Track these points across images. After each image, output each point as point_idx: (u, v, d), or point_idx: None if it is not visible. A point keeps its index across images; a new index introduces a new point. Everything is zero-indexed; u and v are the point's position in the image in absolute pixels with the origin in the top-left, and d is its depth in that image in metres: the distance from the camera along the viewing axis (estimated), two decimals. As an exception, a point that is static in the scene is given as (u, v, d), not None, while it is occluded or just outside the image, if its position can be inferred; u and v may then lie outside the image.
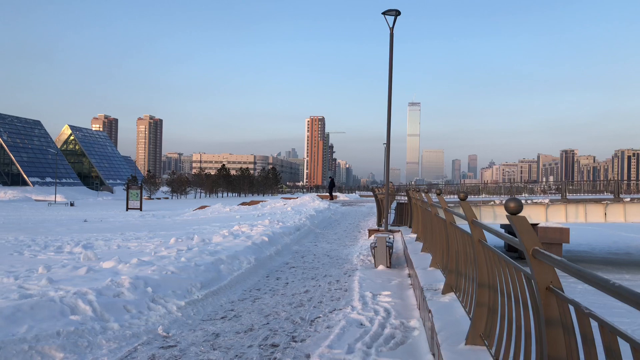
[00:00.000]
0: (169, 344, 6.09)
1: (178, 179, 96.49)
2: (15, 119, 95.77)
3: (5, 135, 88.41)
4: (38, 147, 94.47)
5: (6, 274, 9.35)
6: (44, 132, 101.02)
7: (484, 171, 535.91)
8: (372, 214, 30.91)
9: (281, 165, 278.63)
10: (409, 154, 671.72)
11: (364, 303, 7.96)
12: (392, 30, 15.63)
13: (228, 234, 14.95)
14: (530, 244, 2.85)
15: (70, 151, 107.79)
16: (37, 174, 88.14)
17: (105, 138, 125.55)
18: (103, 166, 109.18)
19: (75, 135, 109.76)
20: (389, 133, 16.38)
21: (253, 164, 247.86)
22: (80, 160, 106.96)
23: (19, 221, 27.50)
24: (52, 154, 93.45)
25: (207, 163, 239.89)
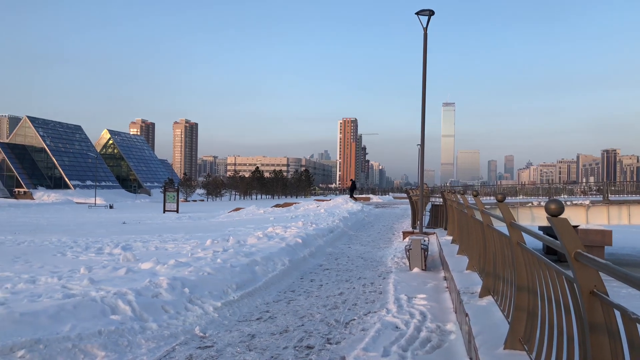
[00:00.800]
0: (206, 344, 6.18)
1: (213, 182, 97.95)
2: (58, 125, 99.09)
3: (49, 140, 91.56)
4: (79, 152, 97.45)
5: (50, 274, 9.67)
6: (85, 136, 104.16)
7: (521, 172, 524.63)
8: (406, 216, 30.65)
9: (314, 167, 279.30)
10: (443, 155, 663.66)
11: (399, 306, 7.89)
12: (425, 30, 15.49)
13: (262, 235, 15.08)
14: (572, 247, 2.77)
15: (110, 155, 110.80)
16: (78, 177, 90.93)
17: (142, 142, 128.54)
18: (141, 169, 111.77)
19: (114, 139, 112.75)
20: (423, 134, 16.22)
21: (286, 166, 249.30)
22: (119, 164, 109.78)
23: (61, 223, 28.43)
24: (92, 158, 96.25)
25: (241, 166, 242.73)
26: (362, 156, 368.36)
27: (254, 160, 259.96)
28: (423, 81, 15.65)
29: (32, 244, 16.23)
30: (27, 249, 14.71)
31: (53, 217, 34.54)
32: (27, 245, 15.92)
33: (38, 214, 40.02)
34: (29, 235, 19.30)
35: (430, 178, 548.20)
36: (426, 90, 15.69)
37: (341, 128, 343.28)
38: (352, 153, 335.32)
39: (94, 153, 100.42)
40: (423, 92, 15.71)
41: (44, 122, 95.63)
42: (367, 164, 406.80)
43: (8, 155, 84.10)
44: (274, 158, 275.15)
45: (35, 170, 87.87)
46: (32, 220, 30.70)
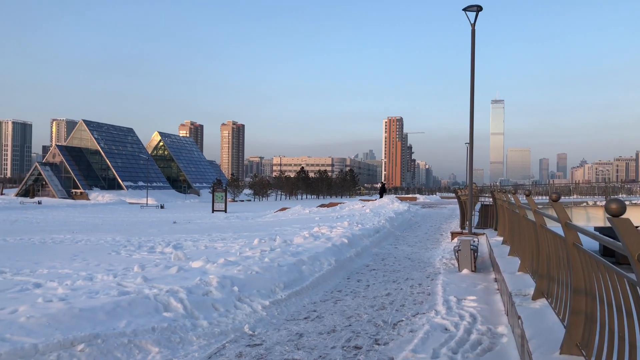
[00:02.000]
0: (255, 342, 6.27)
1: (260, 182, 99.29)
2: (111, 127, 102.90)
3: (103, 142, 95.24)
4: (131, 153, 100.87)
5: (106, 272, 10.06)
6: (136, 139, 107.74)
7: (574, 170, 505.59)
8: (454, 216, 30.12)
9: (359, 167, 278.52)
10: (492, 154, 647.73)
11: (448, 307, 7.76)
12: (473, 26, 15.17)
13: (308, 235, 15.16)
14: (635, 249, 2.64)
15: (160, 156, 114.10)
16: (130, 178, 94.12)
17: (191, 143, 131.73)
18: (190, 170, 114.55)
19: (165, 141, 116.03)
20: (471, 132, 15.89)
21: (331, 166, 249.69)
22: (169, 165, 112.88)
23: (115, 223, 29.50)
24: (144, 160, 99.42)
25: (286, 166, 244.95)
26: (408, 155, 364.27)
27: (299, 160, 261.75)
28: (471, 78, 15.33)
29: (88, 242, 16.93)
30: (84, 248, 15.36)
31: (107, 217, 35.88)
32: (84, 243, 16.61)
33: (93, 213, 41.69)
34: (85, 234, 20.14)
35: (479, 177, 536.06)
36: (474, 87, 15.37)
37: (386, 127, 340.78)
38: (398, 152, 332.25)
39: (146, 155, 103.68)
40: (471, 90, 15.38)
41: (99, 125, 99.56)
42: (413, 164, 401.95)
43: (66, 158, 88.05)
44: (319, 158, 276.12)
45: (90, 171, 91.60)
46: (88, 220, 32.01)
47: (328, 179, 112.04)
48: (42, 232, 21.95)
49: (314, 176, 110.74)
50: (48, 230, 22.74)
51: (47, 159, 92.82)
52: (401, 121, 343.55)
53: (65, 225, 26.68)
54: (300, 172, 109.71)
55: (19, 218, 33.94)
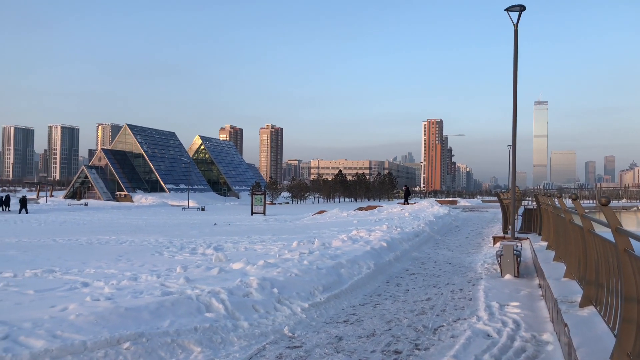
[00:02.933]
0: (294, 344, 6.30)
1: (298, 185, 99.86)
2: (154, 132, 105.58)
3: (146, 146, 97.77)
4: (173, 157, 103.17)
5: (150, 272, 10.32)
6: (178, 142, 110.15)
7: (623, 174, 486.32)
8: (496, 220, 29.49)
9: (397, 170, 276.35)
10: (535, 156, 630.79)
11: (490, 313, 7.60)
12: (516, 26, 14.85)
13: (347, 238, 15.14)
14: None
15: (201, 160, 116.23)
16: (172, 181, 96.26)
17: (231, 147, 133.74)
18: (230, 173, 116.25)
19: (205, 145, 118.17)
20: (514, 134, 15.54)
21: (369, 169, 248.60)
22: (209, 168, 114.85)
23: (158, 224, 30.21)
24: (185, 163, 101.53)
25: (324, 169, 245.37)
26: (448, 158, 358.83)
27: (337, 163, 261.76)
28: (514, 79, 15.00)
29: (132, 243, 17.39)
30: (129, 249, 15.79)
31: (150, 219, 36.78)
32: (128, 244, 17.08)
33: (137, 215, 42.82)
34: (129, 236, 20.71)
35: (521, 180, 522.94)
36: (517, 88, 15.03)
37: (426, 129, 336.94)
38: (438, 155, 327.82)
39: (187, 158, 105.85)
40: (514, 91, 15.05)
41: (142, 129, 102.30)
42: (454, 166, 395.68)
43: (111, 161, 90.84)
44: (357, 161, 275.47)
45: (134, 174, 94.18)
46: (132, 222, 32.90)
47: (366, 182, 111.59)
48: (89, 233, 22.71)
49: (351, 179, 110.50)
50: (94, 232, 23.50)
51: (93, 162, 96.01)
52: (441, 123, 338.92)
53: (110, 227, 27.51)
54: (338, 175, 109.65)
55: (67, 219, 35.22)
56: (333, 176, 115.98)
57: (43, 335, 5.33)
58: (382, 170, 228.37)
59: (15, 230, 24.87)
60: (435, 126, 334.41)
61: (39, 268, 11.10)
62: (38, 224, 29.54)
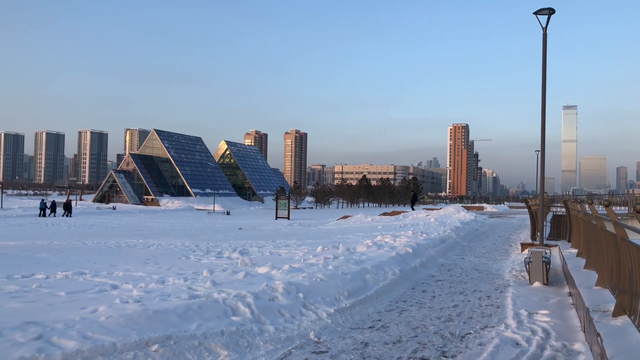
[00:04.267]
0: (320, 349, 6.29)
1: (322, 190, 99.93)
2: (181, 137, 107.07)
3: (173, 151, 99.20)
4: (199, 161, 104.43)
5: (177, 275, 10.45)
6: (204, 147, 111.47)
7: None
8: (523, 226, 29.00)
9: (422, 175, 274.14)
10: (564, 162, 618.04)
11: (518, 321, 7.46)
12: (545, 30, 14.63)
13: (372, 244, 15.07)
14: None
15: (226, 164, 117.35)
16: (198, 185, 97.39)
17: (256, 152, 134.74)
18: (255, 178, 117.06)
19: (231, 150, 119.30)
20: (543, 139, 15.28)
21: (393, 174, 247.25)
22: (235, 173, 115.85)
23: (184, 228, 30.58)
24: (211, 167, 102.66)
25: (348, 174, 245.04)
26: (474, 163, 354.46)
27: (361, 168, 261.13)
28: (543, 84, 14.76)
29: (159, 247, 17.64)
30: (156, 252, 16.01)
31: (177, 223, 37.26)
32: (155, 248, 17.33)
33: (163, 219, 43.42)
34: (156, 239, 21.01)
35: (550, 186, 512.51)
36: (546, 92, 14.79)
37: (451, 134, 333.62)
38: (463, 160, 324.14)
39: (213, 163, 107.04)
40: (543, 96, 14.81)
41: (169, 134, 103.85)
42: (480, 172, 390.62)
43: (138, 166, 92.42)
44: (381, 166, 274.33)
45: (161, 179, 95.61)
46: (159, 225, 33.37)
47: (390, 187, 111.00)
48: (117, 236, 23.11)
49: (376, 184, 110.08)
50: (122, 235, 23.91)
51: (121, 166, 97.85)
52: (467, 128, 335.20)
53: (137, 230, 27.95)
54: (362, 180, 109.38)
55: (95, 222, 35.92)
56: (357, 181, 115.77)
57: (75, 336, 5.44)
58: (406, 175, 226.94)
59: (46, 233, 25.48)
60: (461, 131, 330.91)
61: (70, 270, 11.34)
62: (68, 227, 30.20)
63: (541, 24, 14.60)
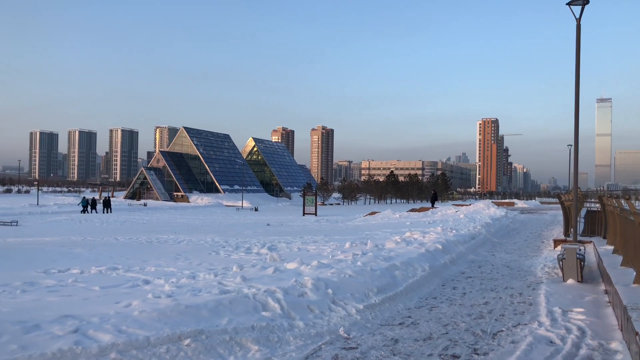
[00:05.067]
0: (350, 345, 6.29)
1: (349, 186, 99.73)
2: (210, 134, 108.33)
3: (202, 148, 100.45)
4: (227, 158, 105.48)
5: (207, 271, 10.57)
6: (232, 144, 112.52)
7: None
8: (555, 222, 28.41)
9: (451, 171, 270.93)
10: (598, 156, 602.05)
11: (552, 319, 7.31)
12: (578, 21, 14.23)
13: (400, 240, 14.97)
14: None
15: (254, 161, 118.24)
16: (226, 182, 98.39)
17: (283, 148, 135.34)
18: (282, 174, 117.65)
19: (258, 146, 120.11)
20: (576, 133, 14.91)
21: (421, 169, 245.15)
22: (262, 170, 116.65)
23: (213, 224, 30.94)
24: (239, 164, 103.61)
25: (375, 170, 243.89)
26: (504, 158, 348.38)
27: (388, 164, 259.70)
28: (576, 76, 14.38)
29: (190, 242, 17.88)
30: (186, 247, 16.23)
31: (206, 219, 37.71)
32: (185, 243, 17.57)
33: (193, 215, 44.00)
34: (187, 235, 21.31)
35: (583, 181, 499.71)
36: (580, 85, 14.40)
37: (480, 129, 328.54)
38: (493, 155, 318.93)
39: (241, 160, 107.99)
40: (576, 88, 14.43)
41: (198, 132, 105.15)
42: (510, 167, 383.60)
43: (168, 163, 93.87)
44: (409, 162, 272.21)
45: (190, 175, 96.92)
46: (189, 221, 33.84)
47: (418, 183, 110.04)
48: (148, 232, 23.53)
49: (403, 180, 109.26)
50: (153, 231, 24.33)
51: (151, 164, 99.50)
52: (496, 123, 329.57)
53: (168, 226, 28.41)
54: (390, 176, 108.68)
55: (127, 219, 36.65)
56: (384, 177, 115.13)
57: (110, 330, 5.56)
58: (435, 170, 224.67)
59: (80, 229, 26.13)
60: (491, 125, 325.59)
61: (103, 265, 11.61)
62: (100, 223, 30.90)
63: (575, 15, 14.21)
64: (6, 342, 5.06)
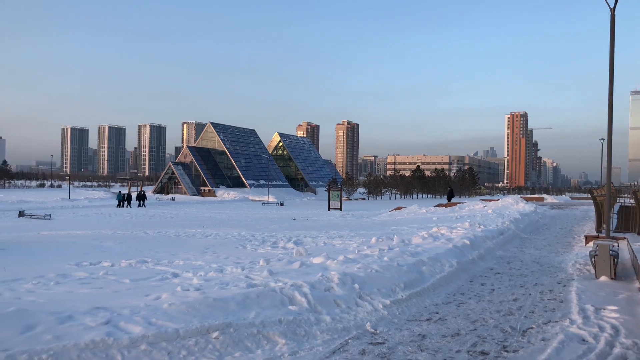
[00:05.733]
0: (377, 340, 6.26)
1: (374, 181, 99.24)
2: (236, 129, 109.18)
3: (228, 143, 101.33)
4: (253, 153, 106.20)
5: (235, 264, 10.68)
6: (258, 139, 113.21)
7: None
8: (587, 218, 27.79)
9: (478, 166, 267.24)
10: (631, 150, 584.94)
11: (584, 317, 7.15)
12: (613, 11, 13.84)
13: (427, 235, 14.85)
14: None
15: (279, 156, 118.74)
16: (252, 177, 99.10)
17: (308, 143, 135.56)
18: (307, 169, 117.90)
19: (284, 141, 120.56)
20: (610, 127, 14.53)
21: (448, 164, 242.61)
22: (287, 165, 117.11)
23: (240, 218, 31.20)
24: (265, 159, 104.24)
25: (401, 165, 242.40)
26: (533, 153, 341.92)
27: (414, 159, 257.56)
28: (610, 68, 14.00)
29: (217, 236, 18.07)
30: (214, 241, 16.42)
31: (233, 213, 38.04)
32: (213, 237, 17.77)
33: (220, 210, 44.45)
34: (214, 229, 21.54)
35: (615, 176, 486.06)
36: (614, 77, 14.02)
37: (509, 123, 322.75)
38: (522, 150, 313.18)
39: (267, 155, 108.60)
40: (610, 81, 14.05)
41: (224, 127, 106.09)
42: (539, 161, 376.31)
43: (195, 158, 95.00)
44: (435, 156, 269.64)
45: (217, 170, 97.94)
46: (216, 216, 34.20)
47: (445, 177, 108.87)
48: (176, 226, 23.87)
49: (430, 175, 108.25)
50: (181, 225, 24.67)
51: (179, 159, 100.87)
52: (525, 116, 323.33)
53: (195, 220, 28.77)
54: (416, 170, 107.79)
55: (155, 213, 37.24)
56: (410, 172, 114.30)
57: (140, 322, 5.66)
58: (462, 165, 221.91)
59: (110, 222, 26.67)
60: (519, 119, 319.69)
61: (133, 258, 11.83)
62: (130, 217, 31.47)
63: (609, 4, 13.83)
64: (41, 332, 5.20)
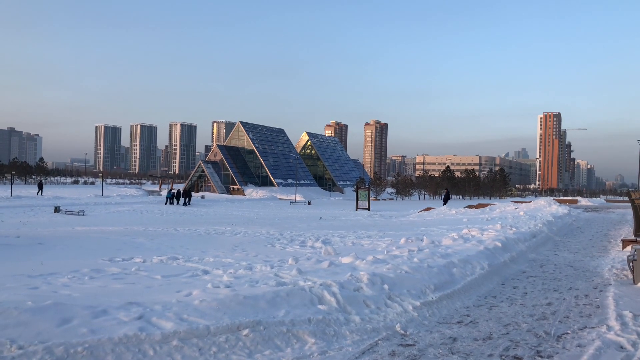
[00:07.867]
0: (407, 342, 6.20)
1: (402, 181, 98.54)
2: (265, 129, 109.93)
3: (257, 142, 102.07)
4: (282, 152, 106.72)
5: (264, 262, 10.74)
6: (287, 139, 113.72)
7: None
8: (624, 222, 27.00)
9: (509, 167, 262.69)
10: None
11: (622, 323, 6.94)
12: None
13: (458, 237, 14.66)
14: None
15: (308, 155, 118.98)
16: (280, 176, 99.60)
17: (336, 143, 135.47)
18: (335, 169, 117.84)
19: (312, 141, 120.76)
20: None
21: (478, 165, 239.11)
22: (315, 164, 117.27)
23: (268, 217, 31.38)
24: (293, 159, 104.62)
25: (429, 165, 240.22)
26: (567, 154, 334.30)
27: (443, 159, 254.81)
28: (650, 67, 13.53)
29: (246, 234, 18.22)
30: (243, 239, 16.55)
31: (261, 212, 38.30)
32: (242, 235, 17.92)
33: (249, 208, 44.79)
34: (243, 227, 21.73)
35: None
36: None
37: (541, 123, 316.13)
38: (555, 151, 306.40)
39: (295, 154, 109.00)
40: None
41: (253, 126, 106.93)
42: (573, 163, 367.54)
43: (225, 156, 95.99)
44: (465, 157, 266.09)
45: (246, 169, 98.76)
46: (245, 214, 34.47)
47: (475, 178, 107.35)
48: (206, 223, 24.15)
49: (460, 175, 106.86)
50: (211, 222, 24.95)
51: (209, 157, 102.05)
52: (559, 117, 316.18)
53: (225, 218, 29.06)
54: (446, 171, 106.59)
55: (186, 210, 37.78)
56: (440, 172, 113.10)
57: (172, 318, 5.73)
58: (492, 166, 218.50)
59: (142, 219, 27.16)
60: (552, 120, 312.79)
61: (164, 255, 12.01)
62: (160, 215, 31.99)
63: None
64: (77, 325, 5.31)
